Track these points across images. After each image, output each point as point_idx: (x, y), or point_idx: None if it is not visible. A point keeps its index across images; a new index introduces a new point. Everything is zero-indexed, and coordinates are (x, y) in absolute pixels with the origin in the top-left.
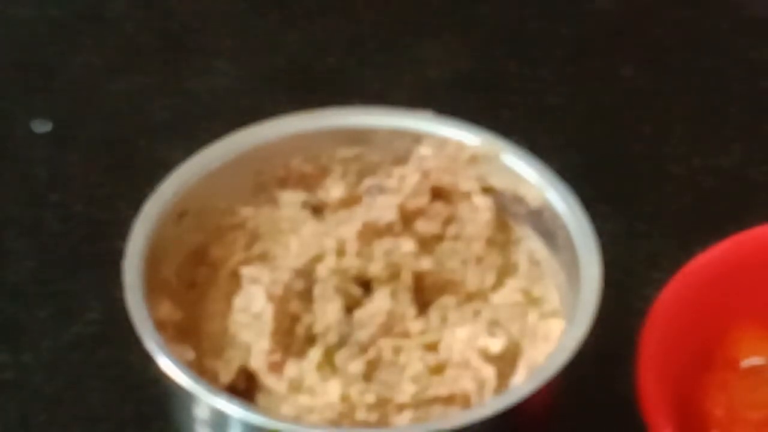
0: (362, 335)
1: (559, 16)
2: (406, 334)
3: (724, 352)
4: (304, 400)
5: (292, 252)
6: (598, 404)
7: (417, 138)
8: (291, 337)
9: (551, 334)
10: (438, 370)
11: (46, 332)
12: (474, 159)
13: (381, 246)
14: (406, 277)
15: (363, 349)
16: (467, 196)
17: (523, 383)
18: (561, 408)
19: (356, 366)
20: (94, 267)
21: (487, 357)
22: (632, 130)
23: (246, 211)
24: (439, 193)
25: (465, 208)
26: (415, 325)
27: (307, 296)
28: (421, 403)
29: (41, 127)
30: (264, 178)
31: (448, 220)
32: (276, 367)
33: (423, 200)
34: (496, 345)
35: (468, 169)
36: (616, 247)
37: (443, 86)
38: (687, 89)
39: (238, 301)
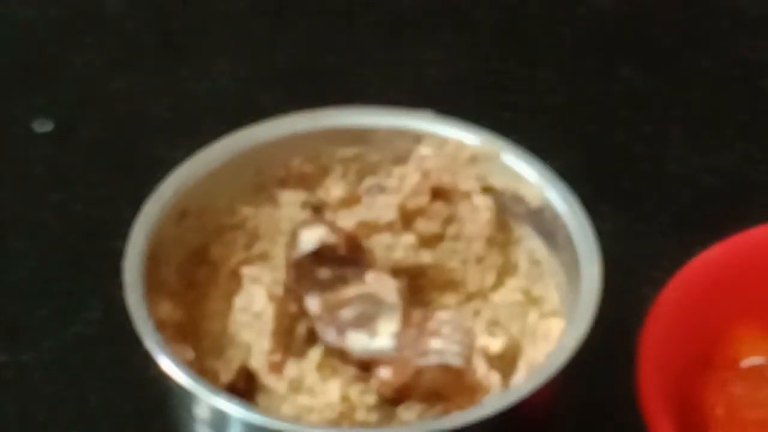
0: None
1: (559, 16)
2: None
3: (724, 351)
4: (304, 400)
5: None
6: (598, 404)
7: (417, 138)
8: (291, 337)
9: (551, 333)
10: None
11: (46, 332)
12: (474, 159)
13: (380, 240)
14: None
15: None
16: (467, 195)
17: (523, 383)
18: (561, 408)
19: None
20: (94, 267)
21: (488, 356)
22: (632, 130)
23: (246, 211)
24: (439, 193)
25: (465, 207)
26: None
27: None
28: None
29: (42, 126)
30: (264, 178)
31: (448, 220)
32: (276, 367)
33: (423, 200)
34: (496, 345)
35: (468, 169)
36: (616, 247)
37: (443, 86)
38: (687, 89)
39: (239, 301)
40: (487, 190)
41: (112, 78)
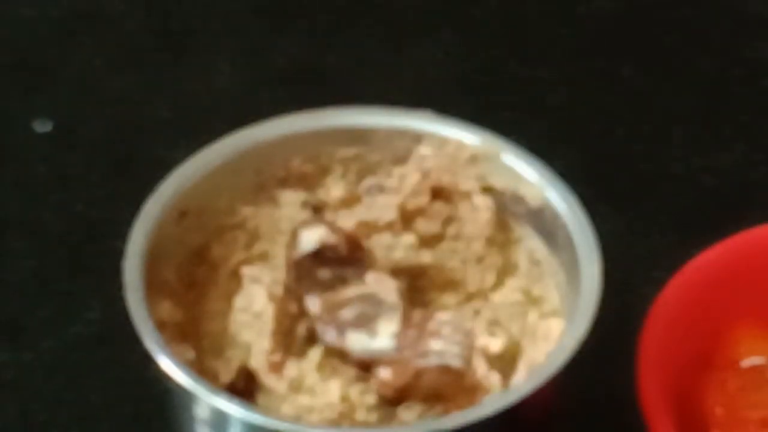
0: None
1: (559, 16)
2: None
3: (724, 352)
4: (304, 400)
5: None
6: (598, 404)
7: (417, 138)
8: (291, 337)
9: (551, 333)
10: None
11: (46, 332)
12: (474, 159)
13: (380, 240)
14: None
15: None
16: (467, 195)
17: (523, 383)
18: (561, 408)
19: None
20: (94, 267)
21: (488, 356)
22: (632, 130)
23: (246, 211)
24: (439, 193)
25: (465, 207)
26: None
27: None
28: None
29: (42, 127)
30: (264, 178)
31: (448, 220)
32: (276, 367)
33: (423, 200)
34: (496, 345)
35: (468, 169)
36: (616, 247)
37: (443, 86)
38: (687, 89)
39: (239, 301)
40: (487, 190)
41: (112, 78)
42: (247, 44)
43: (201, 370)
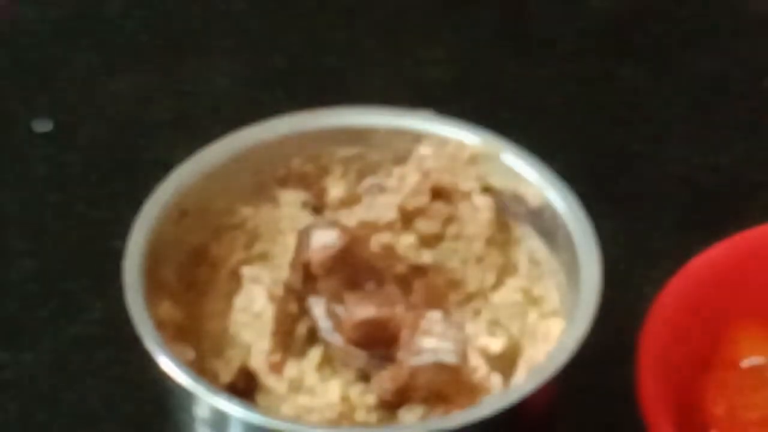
0: None
1: (559, 16)
2: None
3: (724, 352)
4: (304, 400)
5: (292, 251)
6: (598, 404)
7: (417, 138)
8: (291, 337)
9: (551, 333)
10: None
11: (46, 332)
12: (474, 159)
13: (380, 240)
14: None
15: None
16: (467, 195)
17: (523, 383)
18: (561, 407)
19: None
20: (94, 267)
21: (488, 356)
22: (632, 130)
23: (246, 211)
24: (439, 193)
25: (465, 207)
26: None
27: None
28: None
29: (42, 126)
30: (264, 178)
31: (448, 220)
32: (276, 367)
33: (423, 200)
34: (496, 345)
35: (468, 169)
36: (616, 247)
37: (443, 86)
38: (687, 89)
39: (239, 301)
40: (487, 190)
41: (112, 78)
42: (247, 44)
43: (201, 370)
